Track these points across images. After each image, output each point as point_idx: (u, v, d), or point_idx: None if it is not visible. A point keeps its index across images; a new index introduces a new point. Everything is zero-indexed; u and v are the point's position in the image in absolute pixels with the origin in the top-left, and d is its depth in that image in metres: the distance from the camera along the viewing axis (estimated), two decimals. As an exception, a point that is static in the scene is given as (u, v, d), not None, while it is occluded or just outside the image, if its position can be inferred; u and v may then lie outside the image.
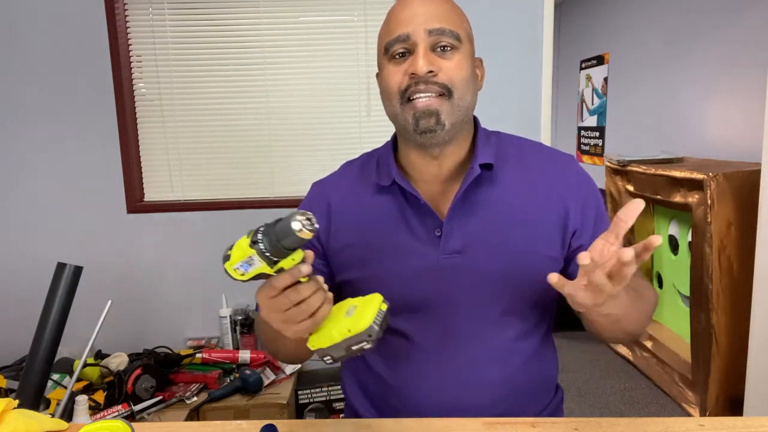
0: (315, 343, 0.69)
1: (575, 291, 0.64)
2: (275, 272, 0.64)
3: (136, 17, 2.24)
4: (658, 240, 0.59)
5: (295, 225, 0.60)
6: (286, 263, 0.63)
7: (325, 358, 0.69)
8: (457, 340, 0.85)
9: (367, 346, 0.67)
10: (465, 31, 0.83)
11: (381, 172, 0.89)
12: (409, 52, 0.81)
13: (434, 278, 0.84)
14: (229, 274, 0.65)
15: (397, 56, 0.82)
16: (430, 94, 0.79)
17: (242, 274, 0.64)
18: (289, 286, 0.64)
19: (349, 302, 0.72)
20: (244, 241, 0.63)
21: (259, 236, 0.62)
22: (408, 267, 0.85)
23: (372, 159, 0.94)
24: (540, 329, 0.91)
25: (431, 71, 0.78)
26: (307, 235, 0.60)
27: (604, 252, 0.64)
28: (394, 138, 0.93)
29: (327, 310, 0.67)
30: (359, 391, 0.97)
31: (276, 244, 0.61)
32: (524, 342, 0.88)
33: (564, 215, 0.86)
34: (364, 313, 0.68)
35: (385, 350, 0.90)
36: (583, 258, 0.61)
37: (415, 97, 0.79)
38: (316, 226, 0.61)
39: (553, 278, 0.64)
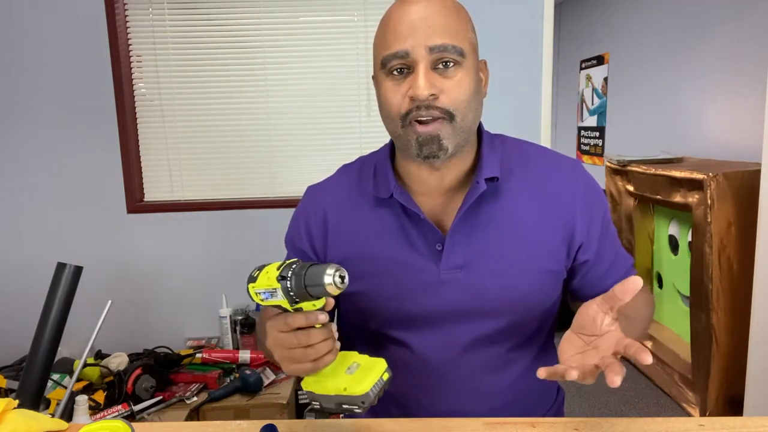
0: (309, 385, 0.68)
1: (569, 377, 0.62)
2: (293, 310, 0.64)
3: (136, 17, 2.24)
4: (648, 359, 0.58)
5: (327, 279, 0.59)
6: (306, 306, 0.63)
7: (313, 402, 0.68)
8: (456, 351, 0.84)
9: (358, 410, 0.66)
10: (469, 42, 0.77)
11: (379, 184, 0.85)
12: (407, 68, 0.75)
13: (434, 293, 0.82)
14: (250, 295, 0.65)
15: (395, 72, 0.76)
16: (430, 119, 0.75)
17: (262, 300, 0.65)
18: (302, 328, 0.64)
19: (354, 357, 0.70)
20: (273, 271, 0.63)
21: (289, 273, 0.61)
22: (408, 282, 0.83)
23: (368, 166, 0.90)
24: (540, 337, 0.90)
25: (433, 94, 0.73)
26: (334, 291, 0.60)
27: (597, 322, 0.66)
28: (392, 144, 0.88)
29: (330, 359, 0.67)
30: None
31: (302, 288, 0.61)
32: (524, 351, 0.87)
33: (570, 228, 0.83)
34: (365, 377, 0.66)
35: (386, 358, 0.89)
36: (571, 374, 0.61)
37: (415, 122, 0.76)
38: (346, 283, 0.61)
39: (542, 373, 0.63)
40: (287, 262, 0.63)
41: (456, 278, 0.82)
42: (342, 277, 0.60)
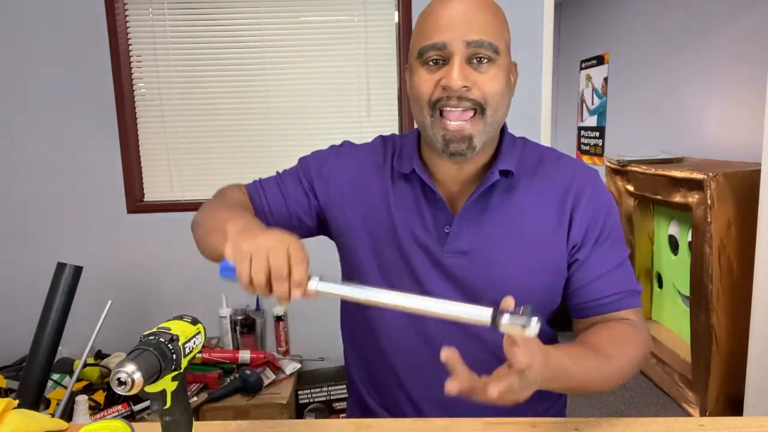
0: None
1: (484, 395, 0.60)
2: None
3: (136, 17, 2.24)
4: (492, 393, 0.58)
5: (115, 375, 0.57)
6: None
7: None
8: (456, 346, 0.84)
9: None
10: (504, 41, 0.80)
11: (402, 159, 0.88)
12: (443, 60, 0.77)
13: (435, 276, 0.83)
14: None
15: (431, 63, 0.78)
16: (461, 110, 0.76)
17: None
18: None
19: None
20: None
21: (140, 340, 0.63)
22: (411, 258, 0.84)
23: (398, 143, 0.93)
24: (543, 337, 0.90)
25: (465, 86, 0.75)
26: (116, 389, 0.58)
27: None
28: (419, 131, 0.91)
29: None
30: (365, 375, 0.97)
31: None
32: None
33: (568, 227, 0.84)
34: None
35: (393, 337, 0.89)
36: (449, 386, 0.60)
37: (445, 110, 0.77)
38: (124, 391, 0.57)
39: (444, 354, 0.62)
40: (161, 330, 0.63)
41: (458, 264, 0.83)
42: (118, 381, 0.57)
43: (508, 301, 0.60)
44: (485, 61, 0.77)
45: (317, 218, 0.94)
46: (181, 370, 0.64)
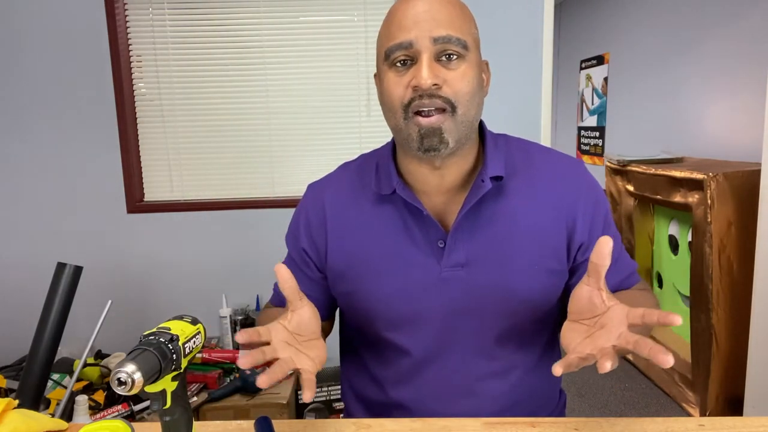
0: None
1: (578, 366, 0.61)
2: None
3: (136, 17, 2.24)
4: (678, 320, 0.56)
5: (115, 375, 0.56)
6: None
7: None
8: (457, 354, 0.84)
9: None
10: (472, 37, 0.77)
11: (381, 180, 0.85)
12: (411, 60, 0.75)
13: (435, 292, 0.82)
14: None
15: (398, 64, 0.76)
16: (433, 108, 0.74)
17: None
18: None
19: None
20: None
21: (140, 341, 0.62)
22: (408, 279, 0.82)
23: (370, 163, 0.89)
24: (542, 339, 0.90)
25: (436, 84, 0.73)
26: (117, 389, 0.57)
27: (594, 301, 0.65)
28: (394, 143, 0.88)
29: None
30: (360, 404, 0.95)
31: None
32: (526, 354, 0.87)
33: (571, 227, 0.83)
34: None
35: (387, 364, 0.88)
36: (557, 369, 0.60)
37: (418, 111, 0.75)
38: (123, 391, 0.57)
39: (558, 370, 0.60)
40: (161, 330, 0.62)
41: (457, 276, 0.81)
42: (118, 381, 0.56)
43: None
44: (454, 57, 0.74)
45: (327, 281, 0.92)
46: (181, 370, 0.64)
